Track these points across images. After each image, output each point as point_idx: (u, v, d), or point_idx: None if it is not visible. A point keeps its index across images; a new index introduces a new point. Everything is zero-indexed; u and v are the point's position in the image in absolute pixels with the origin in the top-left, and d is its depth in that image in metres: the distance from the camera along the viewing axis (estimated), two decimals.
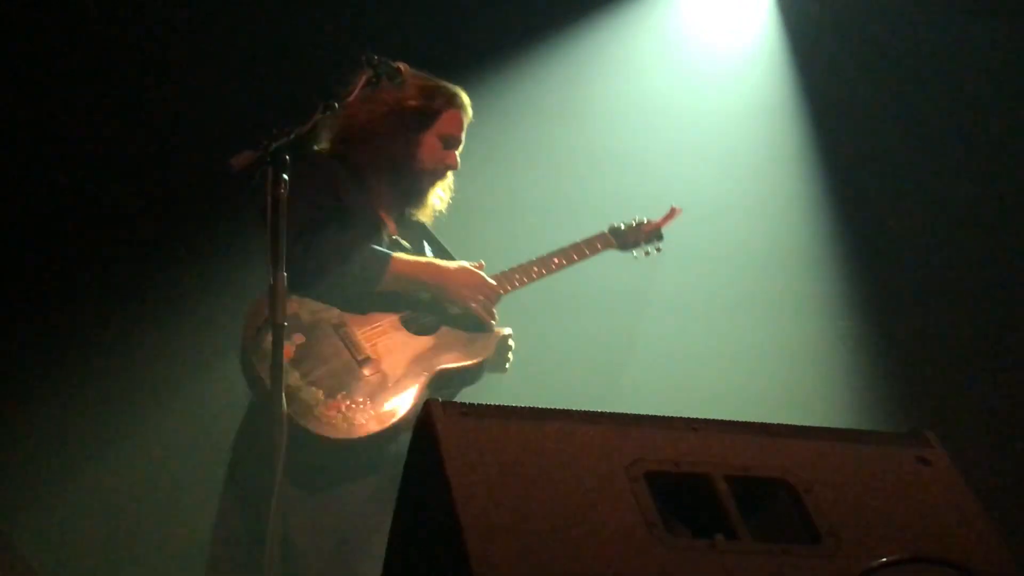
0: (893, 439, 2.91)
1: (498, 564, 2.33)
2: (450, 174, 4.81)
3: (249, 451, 4.32)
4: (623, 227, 5.12)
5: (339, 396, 4.25)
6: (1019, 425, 6.08)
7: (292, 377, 4.20)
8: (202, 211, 5.80)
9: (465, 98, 4.78)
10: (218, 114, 5.82)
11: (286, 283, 3.72)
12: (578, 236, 5.02)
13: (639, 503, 2.55)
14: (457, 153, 4.77)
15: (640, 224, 5.17)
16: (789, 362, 6.49)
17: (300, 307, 4.37)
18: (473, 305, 4.62)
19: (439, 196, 4.83)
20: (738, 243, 6.62)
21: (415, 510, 2.67)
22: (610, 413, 2.77)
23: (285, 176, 3.76)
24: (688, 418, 2.82)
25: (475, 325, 4.63)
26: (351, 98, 4.18)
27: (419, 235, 4.83)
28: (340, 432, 4.19)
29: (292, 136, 3.83)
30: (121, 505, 5.83)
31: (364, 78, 4.23)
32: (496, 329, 4.68)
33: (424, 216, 4.85)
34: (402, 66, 4.33)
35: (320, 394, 4.23)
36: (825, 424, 2.95)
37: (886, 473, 2.80)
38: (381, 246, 4.50)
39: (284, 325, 3.69)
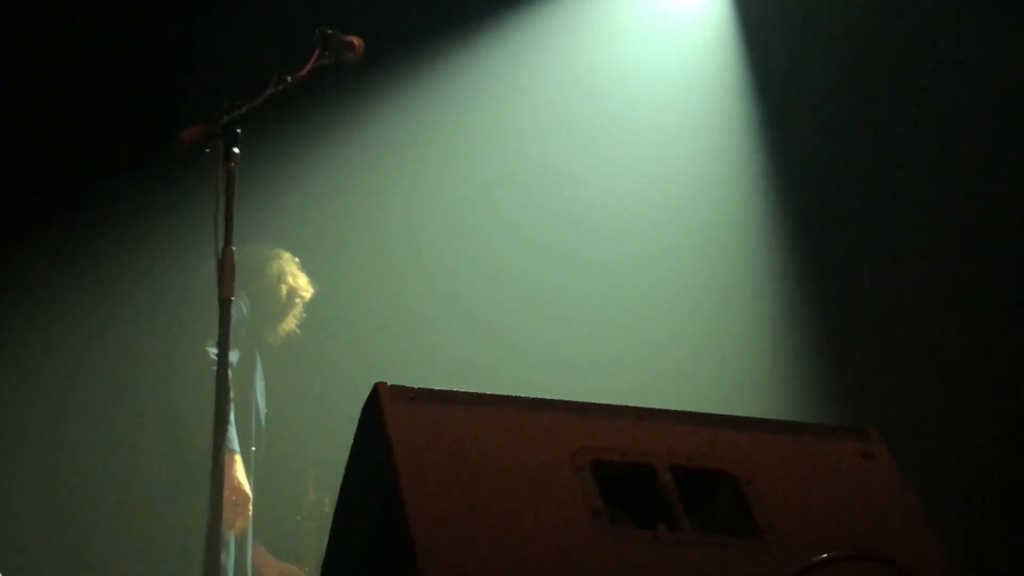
0: (836, 433, 2.93)
1: (443, 552, 2.34)
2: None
3: None
4: None
5: None
6: (960, 422, 6.14)
7: None
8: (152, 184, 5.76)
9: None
10: (170, 87, 5.78)
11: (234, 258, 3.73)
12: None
13: (584, 492, 2.56)
14: None
15: None
16: (737, 354, 6.52)
17: None
18: None
19: None
20: (690, 237, 6.65)
21: (360, 494, 2.67)
22: (557, 400, 2.78)
23: (236, 150, 3.75)
24: (634, 407, 2.83)
25: None
26: (304, 72, 4.16)
27: None
28: None
29: (244, 110, 3.82)
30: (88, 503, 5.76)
31: (317, 52, 4.21)
32: None
33: None
34: (356, 40, 4.30)
35: None
36: (770, 416, 2.98)
37: (828, 467, 2.83)
38: None
39: (232, 300, 3.69)
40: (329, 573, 2.77)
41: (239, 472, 5.17)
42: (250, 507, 5.17)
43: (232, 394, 4.22)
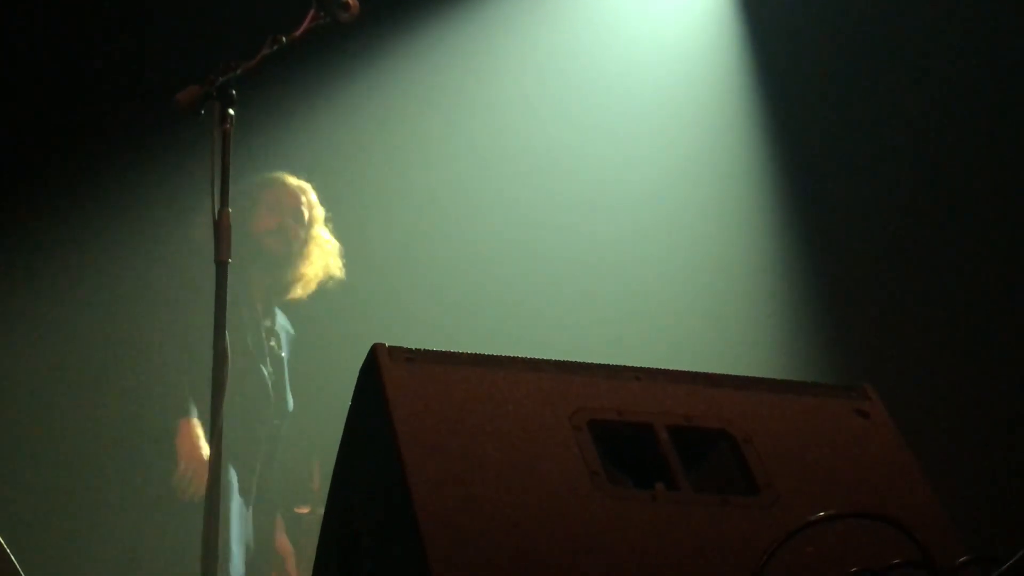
0: (833, 391, 2.94)
1: (443, 512, 2.35)
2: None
3: None
4: None
5: None
6: (956, 380, 6.15)
7: None
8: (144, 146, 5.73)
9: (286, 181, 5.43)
10: (163, 49, 5.75)
11: (230, 220, 3.73)
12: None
13: (582, 452, 2.57)
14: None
15: None
16: (732, 314, 6.53)
17: None
18: None
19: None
20: (685, 200, 6.64)
21: (358, 456, 2.68)
22: (555, 360, 2.78)
23: (231, 111, 3.75)
24: (632, 367, 2.84)
25: None
26: (299, 32, 4.15)
27: None
28: None
29: (239, 71, 3.81)
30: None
31: (312, 12, 4.20)
32: None
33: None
34: (351, 0, 4.28)
35: None
36: (766, 376, 2.98)
37: (825, 425, 2.84)
38: None
39: (229, 262, 3.69)
40: (328, 535, 2.78)
41: (194, 438, 5.06)
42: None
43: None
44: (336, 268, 5.54)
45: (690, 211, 6.66)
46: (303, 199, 5.47)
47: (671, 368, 2.88)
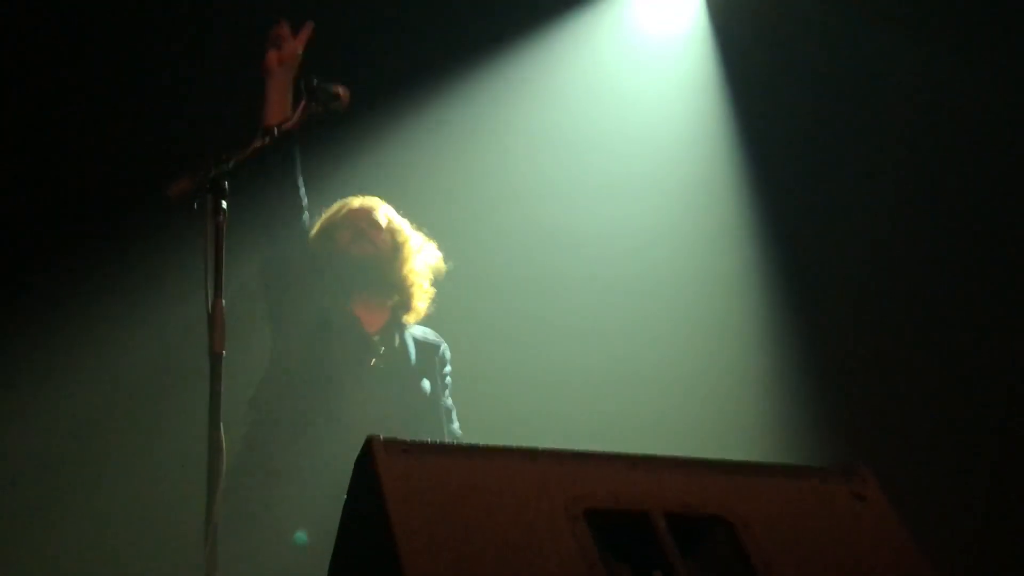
0: (829, 474, 2.94)
1: None
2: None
3: None
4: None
5: None
6: (952, 458, 6.14)
7: None
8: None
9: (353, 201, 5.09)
10: (155, 140, 5.79)
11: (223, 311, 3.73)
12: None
13: (579, 542, 2.56)
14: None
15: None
16: (725, 397, 6.51)
17: None
18: None
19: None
20: (676, 274, 6.63)
21: (355, 548, 2.68)
22: (550, 449, 2.78)
23: (224, 204, 3.77)
24: (627, 454, 2.83)
25: None
26: (291, 124, 4.19)
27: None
28: None
29: (231, 164, 3.83)
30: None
31: (304, 103, 4.24)
32: None
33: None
34: (341, 91, 4.33)
35: None
36: (762, 460, 2.98)
37: (821, 509, 2.83)
38: None
39: (223, 354, 3.69)
40: None
41: None
42: None
43: None
44: (440, 262, 5.16)
45: (681, 296, 6.65)
46: (377, 210, 5.07)
47: (667, 455, 2.88)
